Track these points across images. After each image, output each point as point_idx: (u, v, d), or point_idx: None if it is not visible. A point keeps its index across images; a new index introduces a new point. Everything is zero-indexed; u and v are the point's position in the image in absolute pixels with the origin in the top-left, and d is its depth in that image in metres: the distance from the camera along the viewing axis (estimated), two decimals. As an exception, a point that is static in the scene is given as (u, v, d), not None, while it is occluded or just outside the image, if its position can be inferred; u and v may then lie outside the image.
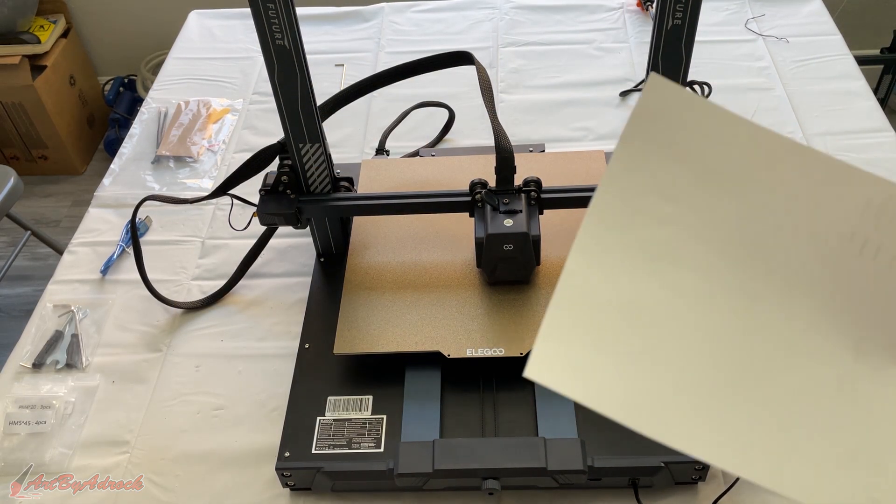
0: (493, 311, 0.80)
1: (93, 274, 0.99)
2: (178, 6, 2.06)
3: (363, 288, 0.85)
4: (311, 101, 0.79)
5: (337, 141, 1.16)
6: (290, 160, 0.84)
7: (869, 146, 1.09)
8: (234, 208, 0.96)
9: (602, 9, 1.41)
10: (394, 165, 1.02)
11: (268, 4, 0.70)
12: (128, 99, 2.46)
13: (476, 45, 1.35)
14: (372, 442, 0.74)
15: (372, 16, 1.44)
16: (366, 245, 0.90)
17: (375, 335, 0.80)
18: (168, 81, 1.33)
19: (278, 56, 0.75)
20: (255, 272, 0.97)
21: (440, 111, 1.17)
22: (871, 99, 1.18)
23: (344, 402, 0.77)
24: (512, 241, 0.77)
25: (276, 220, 0.86)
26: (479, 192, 0.81)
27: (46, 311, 0.95)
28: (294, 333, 0.87)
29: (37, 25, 2.25)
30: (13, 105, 2.19)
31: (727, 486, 0.72)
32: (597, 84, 1.24)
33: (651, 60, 0.75)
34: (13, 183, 1.67)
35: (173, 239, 1.04)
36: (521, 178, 0.81)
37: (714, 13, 1.37)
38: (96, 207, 1.10)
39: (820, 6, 1.38)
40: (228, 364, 0.88)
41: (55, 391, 0.85)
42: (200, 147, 1.18)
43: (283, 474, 0.73)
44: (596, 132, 1.16)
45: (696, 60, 0.75)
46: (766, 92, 1.20)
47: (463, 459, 0.70)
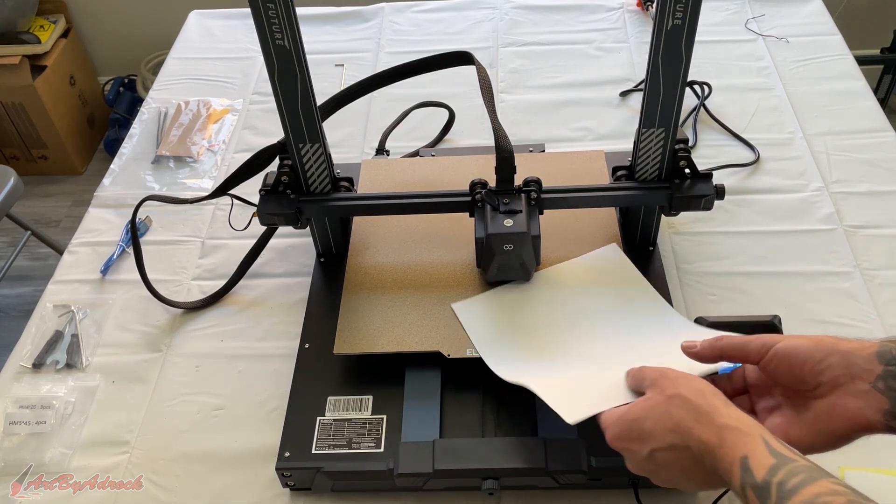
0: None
1: (93, 274, 0.99)
2: (178, 6, 2.06)
3: (363, 288, 0.85)
4: (311, 101, 0.79)
5: (337, 141, 1.16)
6: (290, 160, 0.84)
7: (869, 146, 1.09)
8: (234, 208, 0.96)
9: (602, 9, 1.41)
10: (394, 165, 1.02)
11: (268, 4, 0.70)
12: (128, 99, 2.46)
13: (476, 45, 1.35)
14: (372, 442, 0.74)
15: (372, 16, 1.44)
16: (366, 245, 0.90)
17: (375, 335, 0.80)
18: (168, 81, 1.33)
19: (278, 56, 0.75)
20: (255, 272, 0.97)
21: (440, 111, 1.17)
22: (871, 99, 1.18)
23: (344, 402, 0.77)
24: (512, 241, 0.77)
25: (276, 220, 0.86)
26: (479, 192, 0.81)
27: (46, 311, 0.95)
28: (294, 333, 0.87)
29: (37, 25, 2.25)
30: (13, 105, 2.20)
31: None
32: (597, 84, 1.24)
33: (651, 60, 0.75)
34: (13, 183, 1.67)
35: (173, 239, 1.04)
36: (521, 178, 0.81)
37: (714, 13, 1.37)
38: (96, 207, 1.10)
39: (820, 6, 1.38)
40: (228, 364, 0.88)
41: (55, 391, 0.85)
42: (200, 147, 1.18)
43: (283, 474, 0.73)
44: (596, 132, 1.16)
45: (696, 60, 0.75)
46: (766, 92, 1.20)
47: (463, 459, 0.70)
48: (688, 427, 0.52)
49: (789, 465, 0.47)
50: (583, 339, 0.76)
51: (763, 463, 0.47)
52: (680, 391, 0.54)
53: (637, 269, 0.83)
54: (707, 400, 0.53)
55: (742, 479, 0.48)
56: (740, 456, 0.48)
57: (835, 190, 1.03)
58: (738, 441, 0.49)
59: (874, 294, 0.90)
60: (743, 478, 0.48)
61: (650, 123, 0.80)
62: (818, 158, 1.08)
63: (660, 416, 0.54)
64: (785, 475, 0.46)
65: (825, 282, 0.91)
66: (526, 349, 0.76)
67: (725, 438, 0.50)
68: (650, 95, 0.78)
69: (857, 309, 0.88)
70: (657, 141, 0.81)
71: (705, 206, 0.83)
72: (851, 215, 0.99)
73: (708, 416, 0.52)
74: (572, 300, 0.80)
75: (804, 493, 0.45)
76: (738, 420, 0.51)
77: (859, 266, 0.93)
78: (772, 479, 0.46)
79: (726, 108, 1.17)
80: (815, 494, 0.44)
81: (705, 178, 0.83)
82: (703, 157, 1.09)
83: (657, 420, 0.54)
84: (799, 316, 0.88)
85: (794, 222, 0.99)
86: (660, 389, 0.56)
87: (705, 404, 0.52)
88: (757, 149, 1.09)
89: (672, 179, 0.84)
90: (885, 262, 0.93)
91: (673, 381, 0.56)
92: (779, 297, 0.90)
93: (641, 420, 0.55)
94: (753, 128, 1.13)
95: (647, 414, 0.55)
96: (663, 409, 0.54)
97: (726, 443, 0.49)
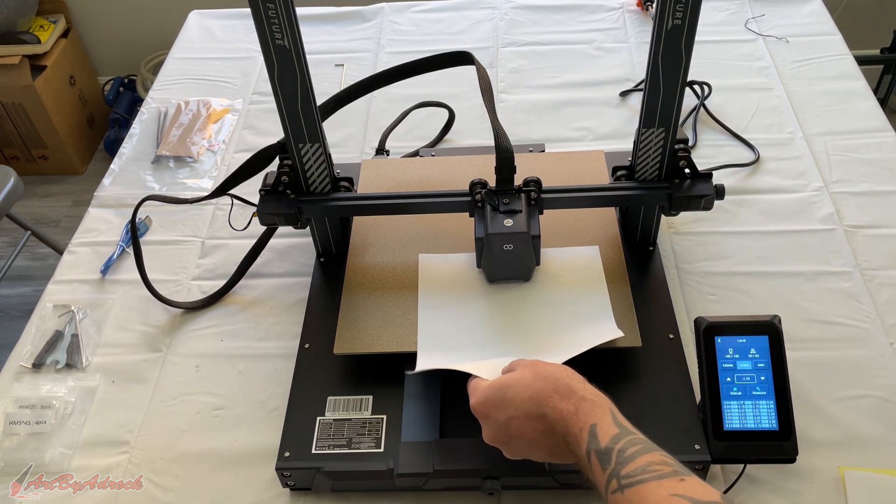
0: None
1: (93, 274, 0.99)
2: (178, 6, 2.07)
3: (363, 288, 0.85)
4: (311, 101, 0.79)
5: (337, 141, 1.16)
6: (290, 160, 0.84)
7: (869, 146, 1.09)
8: (234, 208, 0.96)
9: (602, 9, 1.41)
10: (394, 165, 1.02)
11: (268, 4, 0.70)
12: (128, 99, 2.46)
13: (476, 45, 1.35)
14: (372, 442, 0.74)
15: (372, 16, 1.44)
16: (366, 245, 0.90)
17: (375, 335, 0.80)
18: (168, 81, 1.33)
19: (278, 56, 0.75)
20: (255, 272, 0.97)
21: (440, 111, 1.17)
22: (871, 99, 1.18)
23: (344, 402, 0.77)
24: (512, 241, 0.77)
25: (276, 220, 0.86)
26: (479, 192, 0.81)
27: (46, 311, 0.95)
28: (294, 333, 0.87)
29: (37, 25, 2.25)
30: (13, 105, 2.20)
31: (727, 486, 0.72)
32: (597, 84, 1.24)
33: (651, 60, 0.75)
34: (13, 183, 1.67)
35: (173, 239, 1.04)
36: (521, 178, 0.81)
37: (714, 13, 1.37)
38: (96, 207, 1.10)
39: (820, 6, 1.38)
40: (228, 364, 0.88)
41: (55, 391, 0.85)
42: (200, 147, 1.18)
43: (283, 474, 0.73)
44: (596, 132, 1.16)
45: (696, 60, 0.75)
46: (766, 92, 1.20)
47: (463, 459, 0.70)
48: (546, 396, 0.58)
49: (629, 436, 0.55)
50: (514, 329, 0.78)
51: (608, 432, 0.55)
52: (547, 368, 0.61)
53: (604, 275, 0.83)
54: (569, 377, 0.60)
55: (588, 444, 0.55)
56: (590, 423, 0.56)
57: (835, 190, 1.03)
58: (591, 411, 0.57)
59: (874, 294, 0.90)
60: (589, 443, 0.55)
61: (650, 123, 0.80)
62: (818, 158, 1.08)
63: (522, 387, 0.60)
64: (625, 444, 0.54)
65: (825, 282, 0.91)
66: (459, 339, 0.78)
67: (580, 407, 0.57)
68: (650, 95, 0.78)
69: (857, 309, 0.88)
70: (657, 141, 0.81)
71: (705, 206, 0.83)
72: (851, 215, 0.99)
73: (567, 388, 0.59)
74: (527, 290, 0.82)
75: (639, 460, 0.53)
76: (593, 394, 0.58)
77: (859, 266, 0.93)
78: (614, 446, 0.54)
79: (726, 108, 1.17)
80: (648, 462, 0.52)
81: (705, 178, 0.83)
82: (703, 157, 1.09)
83: (519, 390, 0.60)
84: (799, 316, 0.88)
85: (794, 222, 0.99)
86: (531, 367, 0.62)
87: (566, 379, 0.60)
88: (757, 149, 1.09)
89: (672, 179, 0.84)
90: (885, 262, 0.93)
91: (543, 365, 0.63)
92: (779, 297, 0.90)
93: (505, 389, 0.61)
94: (753, 128, 1.13)
95: (510, 384, 0.61)
96: (527, 381, 0.60)
97: (580, 411, 0.57)
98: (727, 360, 0.71)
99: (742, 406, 0.69)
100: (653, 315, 0.83)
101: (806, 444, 0.73)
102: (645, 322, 0.80)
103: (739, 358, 0.71)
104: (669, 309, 0.84)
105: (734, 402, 0.70)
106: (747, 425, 0.69)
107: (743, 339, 0.71)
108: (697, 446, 0.70)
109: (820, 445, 0.76)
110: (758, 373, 0.70)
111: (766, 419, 0.69)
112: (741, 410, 0.69)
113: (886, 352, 0.84)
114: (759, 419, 0.69)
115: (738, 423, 0.69)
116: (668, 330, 0.81)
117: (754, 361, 0.71)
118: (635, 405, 0.70)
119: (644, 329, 0.79)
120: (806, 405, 0.79)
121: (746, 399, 0.70)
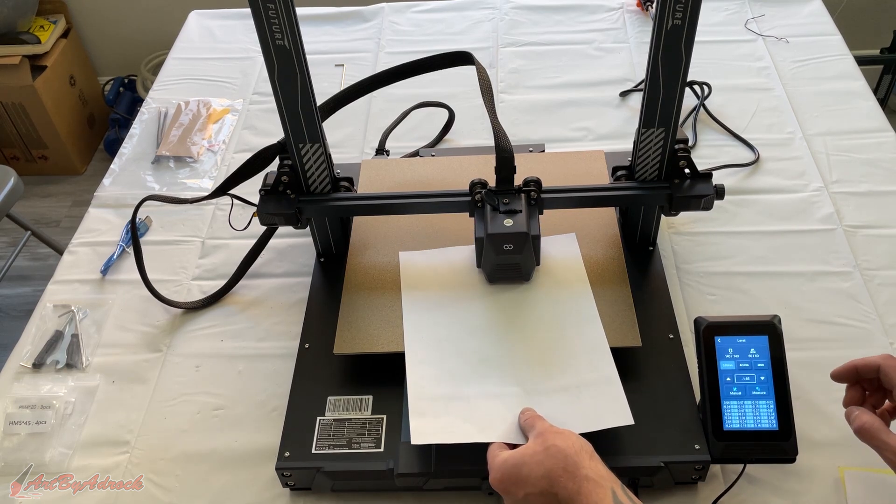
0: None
1: (93, 274, 0.99)
2: (178, 6, 2.07)
3: (363, 288, 0.85)
4: (311, 101, 0.79)
5: (337, 141, 1.16)
6: (290, 160, 0.84)
7: (869, 146, 1.09)
8: (234, 208, 0.96)
9: (602, 9, 1.41)
10: (394, 165, 1.02)
11: (268, 4, 0.70)
12: (128, 99, 2.46)
13: (476, 45, 1.35)
14: (372, 442, 0.74)
15: (372, 16, 1.44)
16: (366, 245, 0.90)
17: (375, 335, 0.80)
18: (168, 81, 1.33)
19: (278, 56, 0.75)
20: (255, 272, 0.97)
21: (440, 111, 1.17)
22: (871, 99, 1.18)
23: (344, 402, 0.77)
24: (512, 241, 0.77)
25: (276, 220, 0.86)
26: (479, 192, 0.81)
27: (46, 311, 0.95)
28: (294, 333, 0.87)
29: (37, 25, 2.25)
30: (13, 105, 2.20)
31: (727, 485, 0.72)
32: (597, 84, 1.24)
33: (651, 60, 0.75)
34: (13, 183, 1.67)
35: (173, 239, 1.04)
36: (521, 178, 0.81)
37: (714, 13, 1.37)
38: (96, 207, 1.10)
39: (820, 6, 1.38)
40: (228, 364, 0.88)
41: (55, 391, 0.85)
42: (200, 147, 1.18)
43: (283, 474, 0.73)
44: (596, 132, 1.16)
45: (696, 60, 0.75)
46: (766, 92, 1.20)
47: (463, 459, 0.70)
48: (557, 476, 0.60)
49: None
50: (511, 346, 0.77)
51: None
52: (557, 443, 0.62)
53: (583, 266, 0.83)
54: (576, 452, 0.62)
55: None
56: (592, 503, 0.58)
57: (835, 190, 1.03)
58: (592, 490, 0.59)
59: (874, 294, 0.90)
60: None
61: (650, 123, 0.80)
62: (818, 158, 1.08)
63: (535, 463, 0.62)
64: None
65: (825, 282, 0.91)
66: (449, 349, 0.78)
67: (582, 487, 0.59)
68: (650, 95, 0.78)
69: (857, 309, 0.88)
70: (657, 141, 0.81)
71: (705, 206, 0.84)
72: (851, 215, 0.99)
73: (574, 467, 0.60)
74: (526, 292, 0.82)
75: None
76: (596, 473, 0.60)
77: (859, 266, 0.93)
78: None
79: (726, 108, 1.17)
80: None
81: (705, 178, 0.83)
82: (703, 157, 1.09)
83: (532, 467, 0.62)
84: (799, 316, 0.88)
85: (794, 222, 0.99)
86: (542, 440, 0.63)
87: (574, 457, 0.61)
88: (757, 149, 1.09)
89: (672, 179, 0.84)
90: (885, 262, 0.93)
91: (553, 435, 0.64)
92: (779, 297, 0.90)
93: (520, 465, 0.63)
94: (753, 128, 1.14)
95: (524, 461, 0.63)
96: (540, 457, 0.62)
97: (583, 490, 0.59)
98: (727, 360, 0.71)
99: (742, 406, 0.69)
100: (653, 315, 0.83)
101: (806, 444, 0.73)
102: (645, 322, 0.80)
103: (739, 358, 0.71)
104: (669, 309, 0.84)
105: (734, 402, 0.70)
106: (747, 425, 0.69)
107: (743, 339, 0.71)
108: (697, 446, 0.70)
109: (820, 445, 0.76)
110: (758, 373, 0.70)
111: (765, 419, 0.69)
112: (741, 410, 0.69)
113: (886, 352, 0.84)
114: (758, 419, 0.69)
115: (737, 423, 0.69)
116: (668, 330, 0.81)
117: (754, 361, 0.71)
118: (635, 405, 0.70)
119: (644, 329, 0.79)
120: (806, 405, 0.79)
121: (746, 399, 0.70)
